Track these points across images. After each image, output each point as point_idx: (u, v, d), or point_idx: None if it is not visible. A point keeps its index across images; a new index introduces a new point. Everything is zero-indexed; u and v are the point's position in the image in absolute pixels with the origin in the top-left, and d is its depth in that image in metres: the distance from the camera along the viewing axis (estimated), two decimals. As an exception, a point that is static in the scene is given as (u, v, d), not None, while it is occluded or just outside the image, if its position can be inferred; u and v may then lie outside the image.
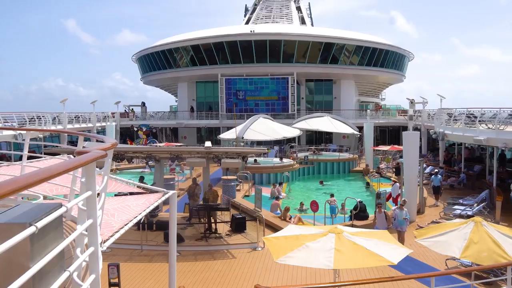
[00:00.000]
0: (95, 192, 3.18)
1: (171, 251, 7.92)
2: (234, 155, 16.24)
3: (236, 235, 16.40)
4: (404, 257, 7.30)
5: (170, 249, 7.85)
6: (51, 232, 3.21)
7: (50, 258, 2.54)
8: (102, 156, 3.00)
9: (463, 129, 25.20)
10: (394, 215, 16.07)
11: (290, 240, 7.63)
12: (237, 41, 49.09)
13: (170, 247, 7.76)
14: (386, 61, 54.03)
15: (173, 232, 7.85)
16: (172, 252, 7.91)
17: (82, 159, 2.69)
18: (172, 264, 8.09)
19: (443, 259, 13.76)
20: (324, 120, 38.99)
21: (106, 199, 8.22)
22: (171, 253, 7.86)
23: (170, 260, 7.99)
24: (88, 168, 3.06)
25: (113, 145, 4.24)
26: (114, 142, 4.38)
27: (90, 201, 3.20)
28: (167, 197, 7.44)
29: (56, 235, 3.35)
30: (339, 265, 7.01)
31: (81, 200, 3.08)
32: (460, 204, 21.47)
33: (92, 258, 3.46)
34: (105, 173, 4.64)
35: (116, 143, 4.44)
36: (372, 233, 8.25)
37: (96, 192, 3.34)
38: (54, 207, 3.28)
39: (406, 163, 19.74)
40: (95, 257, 3.46)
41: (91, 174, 3.09)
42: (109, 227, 5.94)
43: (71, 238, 2.92)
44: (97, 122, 45.55)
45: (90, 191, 3.09)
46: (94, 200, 3.22)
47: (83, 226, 3.12)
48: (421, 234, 9.17)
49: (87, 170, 3.03)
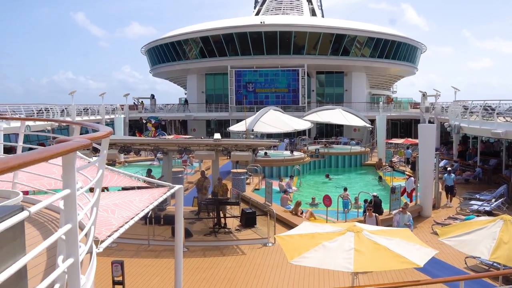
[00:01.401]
0: (74, 190, 2.53)
1: (177, 248, 7.45)
2: (244, 147, 15.67)
3: (246, 230, 15.90)
4: (429, 258, 6.73)
5: (176, 246, 7.38)
6: (6, 244, 2.41)
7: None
8: (83, 146, 2.39)
9: (480, 122, 24.40)
10: (396, 220, 14.75)
11: (305, 238, 7.06)
12: (247, 33, 48.41)
13: (176, 244, 7.28)
14: (398, 53, 53.07)
15: (180, 229, 7.36)
16: (178, 249, 7.43)
17: (58, 148, 2.12)
18: (178, 262, 7.60)
19: (461, 256, 13.17)
20: (335, 113, 38.27)
21: (106, 194, 7.74)
22: (177, 250, 7.39)
23: (176, 257, 7.52)
24: (67, 160, 2.45)
25: (107, 133, 3.69)
26: (109, 131, 3.83)
27: (68, 202, 2.55)
28: (173, 191, 6.92)
29: (12, 249, 2.50)
30: (360, 267, 6.44)
31: (56, 199, 2.45)
32: (476, 199, 20.80)
33: (71, 273, 2.72)
34: (100, 165, 4.09)
35: (111, 132, 3.89)
36: (393, 232, 7.65)
37: (78, 189, 2.69)
38: (11, 212, 2.50)
39: (422, 157, 19.08)
40: (74, 273, 2.72)
41: (70, 167, 2.48)
42: (107, 225, 5.42)
43: (35, 252, 2.13)
44: (106, 115, 45.20)
45: (68, 189, 2.46)
46: (73, 200, 2.55)
47: (53, 236, 2.39)
48: (445, 232, 8.56)
49: (65, 162, 2.43)
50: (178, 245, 7.33)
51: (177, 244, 7.33)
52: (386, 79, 60.36)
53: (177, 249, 7.36)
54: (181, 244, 7.42)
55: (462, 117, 28.20)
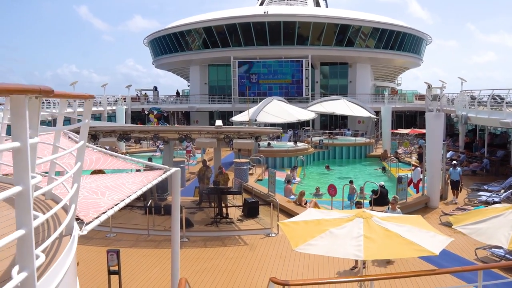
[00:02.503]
0: (26, 143, 1.79)
1: (174, 235, 7.02)
2: (247, 135, 15.18)
3: (248, 220, 15.46)
4: (445, 246, 6.25)
5: (173, 232, 6.94)
6: None
7: None
8: (36, 90, 1.80)
9: (488, 111, 23.81)
10: None
11: (310, 225, 6.59)
12: (250, 23, 47.76)
13: (173, 230, 6.85)
14: (404, 44, 52.34)
15: (176, 214, 6.92)
16: (175, 236, 7.00)
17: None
18: (175, 249, 7.17)
19: (471, 248, 12.71)
20: (340, 103, 37.66)
21: (98, 177, 7.29)
22: (174, 237, 6.96)
23: (173, 244, 7.09)
24: (16, 105, 1.83)
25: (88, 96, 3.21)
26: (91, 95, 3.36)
27: (18, 158, 1.83)
28: (169, 174, 6.47)
29: None
30: (370, 255, 5.97)
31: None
32: (485, 190, 20.30)
33: (22, 254, 2.10)
34: (81, 137, 3.62)
35: (93, 96, 3.41)
36: (404, 218, 7.17)
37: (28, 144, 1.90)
38: None
39: (429, 146, 18.55)
40: (26, 252, 2.10)
41: (19, 114, 1.83)
42: (96, 207, 4.96)
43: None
44: (108, 106, 44.80)
45: (17, 142, 1.77)
46: (24, 156, 1.82)
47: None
48: (458, 220, 8.08)
49: (13, 107, 1.81)
50: (175, 230, 6.89)
51: (174, 230, 6.90)
52: (391, 70, 59.70)
53: (174, 234, 6.92)
54: (177, 226, 6.99)
55: (470, 107, 27.58)
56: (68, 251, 3.22)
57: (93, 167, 6.91)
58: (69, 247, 3.28)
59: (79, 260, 11.28)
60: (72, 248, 3.37)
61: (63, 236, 3.63)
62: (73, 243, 3.47)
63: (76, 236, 3.78)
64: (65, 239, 3.48)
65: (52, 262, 2.90)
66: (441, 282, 9.95)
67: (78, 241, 12.04)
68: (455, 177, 19.21)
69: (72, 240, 3.47)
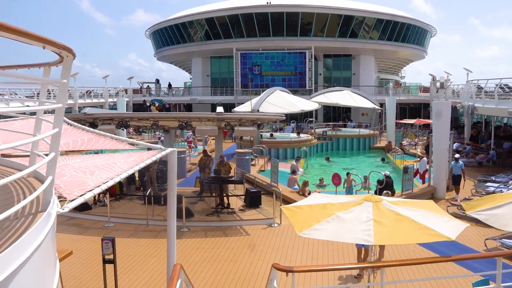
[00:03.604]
0: None
1: (169, 219, 6.63)
2: (249, 122, 14.73)
3: (250, 211, 15.07)
4: (461, 231, 5.81)
5: (169, 217, 6.55)
6: None
7: None
8: None
9: (496, 101, 23.28)
10: None
11: (315, 209, 6.15)
12: (253, 14, 47.21)
13: (169, 210, 6.45)
14: (408, 36, 51.71)
15: (173, 195, 6.51)
16: (171, 216, 6.61)
17: None
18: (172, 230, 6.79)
19: (479, 239, 12.29)
20: (343, 94, 37.12)
21: (88, 157, 6.88)
22: (170, 217, 6.58)
23: (169, 226, 6.71)
24: None
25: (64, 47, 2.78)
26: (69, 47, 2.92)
27: None
28: (164, 154, 6.05)
29: None
30: (381, 239, 5.52)
31: None
32: (492, 181, 19.83)
33: None
34: (59, 99, 3.19)
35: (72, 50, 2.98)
36: (416, 203, 6.73)
37: None
38: None
39: (436, 135, 18.07)
40: None
41: None
42: (82, 185, 4.53)
43: None
44: (109, 98, 44.41)
45: None
46: None
47: None
48: (472, 206, 7.63)
49: None
50: (171, 208, 6.49)
51: (170, 207, 6.51)
52: (395, 63, 59.07)
53: (170, 219, 6.53)
54: (174, 207, 6.61)
55: (477, 97, 27.05)
56: (40, 228, 2.80)
57: (85, 147, 6.50)
58: (42, 224, 2.86)
59: (74, 249, 10.91)
60: (46, 226, 2.95)
61: (38, 212, 3.21)
62: (49, 220, 3.05)
63: (53, 213, 3.36)
64: (39, 215, 3.07)
65: (17, 238, 2.49)
66: (449, 272, 9.56)
67: (74, 231, 11.60)
68: (456, 171, 17.74)
69: (46, 217, 3.05)
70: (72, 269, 10.10)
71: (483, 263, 9.63)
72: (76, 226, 13.89)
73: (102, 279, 8.45)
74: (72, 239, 12.62)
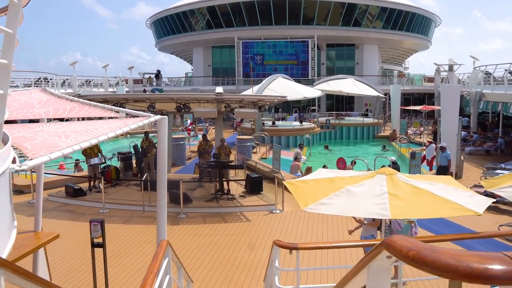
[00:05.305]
0: None
1: (159, 195, 6.04)
2: (249, 104, 14.05)
3: (251, 197, 14.43)
4: (488, 205, 5.17)
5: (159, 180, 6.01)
6: None
7: None
8: None
9: (505, 86, 22.54)
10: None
11: (322, 183, 5.50)
12: (255, 2, 46.30)
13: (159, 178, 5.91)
14: (412, 25, 50.83)
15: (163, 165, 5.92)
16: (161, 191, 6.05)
17: None
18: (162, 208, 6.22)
19: (493, 226, 11.69)
20: (347, 82, 36.33)
21: (69, 123, 6.25)
22: (159, 194, 6.02)
23: (159, 202, 6.16)
24: None
25: None
26: None
27: None
28: (153, 120, 5.41)
29: None
30: (398, 213, 4.83)
31: None
32: (502, 168, 19.17)
33: None
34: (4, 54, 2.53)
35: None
36: (434, 178, 6.09)
37: None
38: None
39: (444, 120, 17.42)
40: None
41: None
42: (52, 147, 3.88)
43: None
44: (109, 88, 43.73)
45: None
46: None
47: None
48: (492, 184, 6.98)
49: None
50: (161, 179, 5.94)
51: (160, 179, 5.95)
52: (399, 53, 58.20)
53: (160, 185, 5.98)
54: (164, 180, 6.06)
55: (486, 83, 26.30)
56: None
57: (67, 115, 5.86)
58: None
59: (64, 234, 10.33)
60: None
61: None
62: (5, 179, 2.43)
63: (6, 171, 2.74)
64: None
65: None
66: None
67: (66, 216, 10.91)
68: (442, 162, 16.32)
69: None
70: (61, 254, 9.55)
71: (500, 248, 9.03)
72: (69, 212, 13.31)
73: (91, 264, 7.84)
74: (62, 224, 12.03)
